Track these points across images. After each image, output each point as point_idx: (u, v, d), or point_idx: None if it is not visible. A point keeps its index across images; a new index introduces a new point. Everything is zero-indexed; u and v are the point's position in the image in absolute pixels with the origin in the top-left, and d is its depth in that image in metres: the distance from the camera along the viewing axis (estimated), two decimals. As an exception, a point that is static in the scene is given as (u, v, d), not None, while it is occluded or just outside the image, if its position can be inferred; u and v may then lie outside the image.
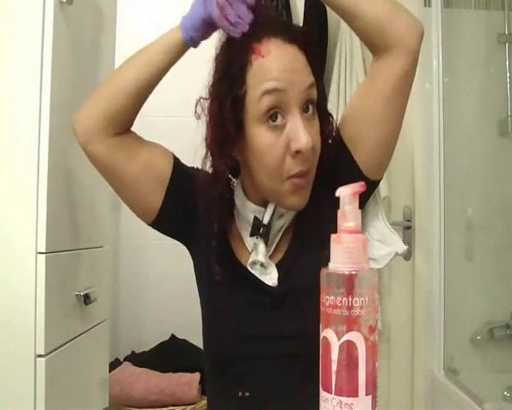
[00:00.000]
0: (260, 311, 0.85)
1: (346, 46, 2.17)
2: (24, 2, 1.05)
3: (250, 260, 0.87)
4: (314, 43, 0.85)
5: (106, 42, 1.41)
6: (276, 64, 0.77)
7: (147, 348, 2.15)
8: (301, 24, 2.20)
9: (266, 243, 0.86)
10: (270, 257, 0.87)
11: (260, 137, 0.78)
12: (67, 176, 1.18)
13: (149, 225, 0.92)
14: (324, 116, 0.86)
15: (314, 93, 0.81)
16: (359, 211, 0.45)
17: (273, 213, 0.86)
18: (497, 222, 2.23)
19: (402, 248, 0.92)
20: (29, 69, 1.05)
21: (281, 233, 0.88)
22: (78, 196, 1.24)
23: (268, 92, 0.76)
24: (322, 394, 0.43)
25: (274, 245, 0.88)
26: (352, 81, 2.16)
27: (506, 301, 2.21)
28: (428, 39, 2.22)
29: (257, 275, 0.86)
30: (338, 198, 0.45)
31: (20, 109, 1.05)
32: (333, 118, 0.90)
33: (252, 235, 0.86)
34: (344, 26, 2.20)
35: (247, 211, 0.88)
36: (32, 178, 1.03)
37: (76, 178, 1.22)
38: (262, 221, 0.86)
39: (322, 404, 0.43)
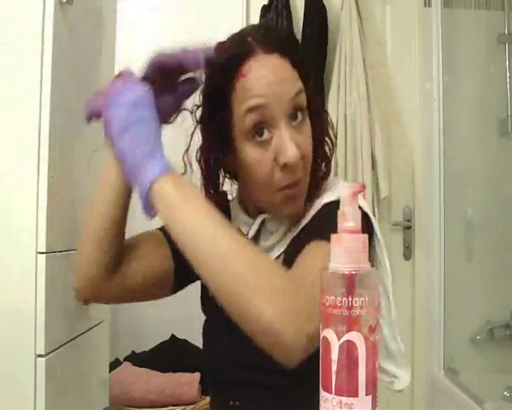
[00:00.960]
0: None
1: (346, 46, 2.18)
2: (24, 2, 1.05)
3: None
4: (296, 46, 0.83)
5: (106, 42, 1.41)
6: (257, 80, 0.75)
7: (147, 348, 2.15)
8: (301, 24, 2.21)
9: None
10: None
11: (248, 153, 0.77)
12: (68, 176, 1.17)
13: (174, 291, 0.93)
14: (317, 117, 0.84)
15: (301, 99, 0.78)
16: (359, 211, 0.45)
17: (259, 229, 0.84)
18: (497, 222, 2.24)
19: (404, 383, 0.82)
20: (29, 69, 1.05)
21: (271, 255, 0.83)
22: (79, 195, 1.24)
23: (251, 110, 0.74)
24: (323, 394, 0.43)
25: None
26: (352, 81, 2.16)
27: (506, 301, 2.21)
28: (428, 39, 2.23)
29: None
30: None
31: (19, 109, 1.05)
32: (327, 114, 0.88)
33: None
34: (344, 26, 2.20)
35: (238, 222, 0.87)
36: (32, 178, 1.03)
37: (76, 177, 1.22)
38: (247, 235, 0.83)
39: (322, 404, 0.43)
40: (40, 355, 1.01)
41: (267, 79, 0.75)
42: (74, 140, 1.14)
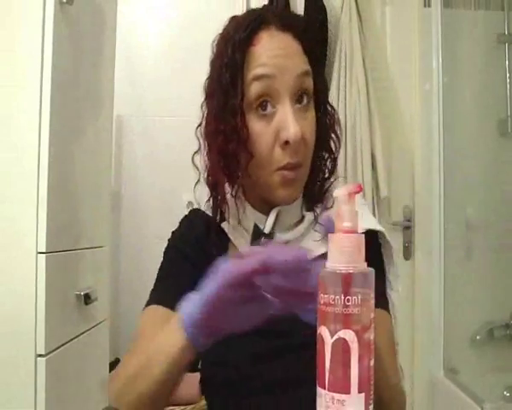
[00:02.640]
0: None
1: (346, 46, 2.18)
2: (24, 2, 1.05)
3: None
4: (311, 31, 0.82)
5: (106, 42, 1.41)
6: (265, 51, 0.75)
7: (147, 348, 2.15)
8: (301, 24, 2.22)
9: None
10: None
11: (252, 124, 0.76)
12: (68, 176, 1.18)
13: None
14: (323, 109, 0.83)
15: (308, 82, 0.77)
16: (356, 211, 0.45)
17: (275, 223, 0.80)
18: (497, 222, 2.24)
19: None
20: (29, 69, 1.05)
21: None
22: (79, 196, 1.25)
23: (256, 78, 0.74)
24: (318, 389, 0.44)
25: None
26: (352, 81, 2.16)
27: (506, 301, 2.22)
28: (428, 39, 2.23)
29: None
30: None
31: (20, 109, 1.05)
32: (334, 110, 0.86)
33: (251, 245, 0.79)
34: (344, 25, 2.20)
35: (247, 217, 0.83)
36: (33, 178, 1.03)
37: (76, 178, 1.22)
38: (263, 230, 0.80)
39: (317, 399, 0.44)
40: (40, 355, 1.01)
41: (275, 51, 0.75)
42: (74, 140, 1.14)
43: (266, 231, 0.80)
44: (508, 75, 2.25)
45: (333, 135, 0.85)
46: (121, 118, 2.25)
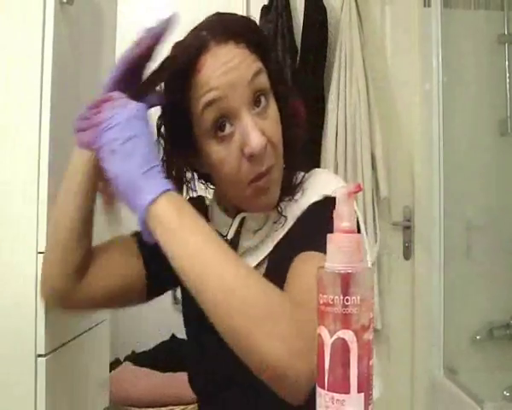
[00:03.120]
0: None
1: (346, 46, 2.18)
2: (24, 2, 1.05)
3: None
4: (252, 29, 0.77)
5: (106, 42, 1.41)
6: (211, 73, 0.71)
7: (147, 348, 2.15)
8: (301, 24, 2.22)
9: None
10: None
11: (213, 151, 0.73)
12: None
13: (147, 299, 0.90)
14: (284, 101, 0.79)
15: (262, 80, 0.73)
16: (354, 211, 0.45)
17: (239, 228, 0.80)
18: (497, 222, 2.24)
19: (378, 392, 0.75)
20: (29, 69, 1.05)
21: (255, 258, 0.80)
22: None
23: (207, 105, 0.71)
24: (318, 389, 0.44)
25: None
26: (352, 81, 2.16)
27: (506, 301, 2.22)
28: (428, 39, 2.23)
29: None
30: None
31: (20, 110, 1.05)
32: (292, 90, 0.83)
33: None
34: (344, 25, 2.20)
35: (217, 224, 0.82)
36: (33, 178, 1.03)
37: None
38: (226, 236, 0.79)
39: (317, 399, 0.44)
40: (40, 355, 1.01)
41: (220, 70, 0.71)
42: (74, 140, 1.14)
43: (229, 237, 0.80)
44: (508, 75, 2.25)
45: (296, 124, 0.81)
46: (121, 118, 2.24)
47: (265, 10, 2.22)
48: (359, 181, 2.12)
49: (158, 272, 0.81)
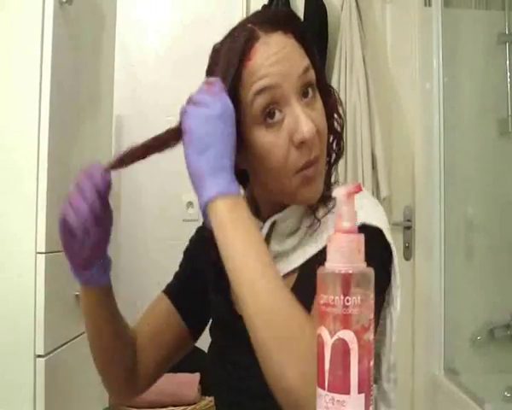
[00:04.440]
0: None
1: (346, 46, 2.18)
2: (24, 2, 1.05)
3: None
4: (298, 22, 0.80)
5: (106, 42, 1.41)
6: (263, 61, 0.72)
7: (147, 348, 2.15)
8: (301, 24, 2.22)
9: None
10: None
11: (261, 139, 0.73)
12: (67, 176, 1.18)
13: (196, 340, 0.93)
14: (326, 93, 0.80)
15: (311, 75, 0.75)
16: (355, 211, 0.45)
17: (270, 232, 0.80)
18: (497, 222, 2.23)
19: None
20: (29, 69, 1.05)
21: (287, 265, 0.79)
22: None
23: (258, 92, 0.71)
24: (318, 390, 0.44)
25: None
26: (353, 81, 2.16)
27: (506, 301, 2.21)
28: (429, 39, 2.23)
29: None
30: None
31: (19, 109, 1.05)
32: (333, 89, 0.84)
33: None
34: (344, 26, 2.20)
35: None
36: (32, 179, 1.03)
37: (76, 178, 1.22)
38: None
39: (317, 400, 0.44)
40: (40, 356, 1.01)
41: (272, 58, 0.72)
42: (74, 140, 1.14)
43: None
44: (508, 75, 2.24)
45: (336, 115, 0.83)
46: (121, 118, 2.25)
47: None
48: (359, 181, 2.12)
49: (195, 314, 0.89)
